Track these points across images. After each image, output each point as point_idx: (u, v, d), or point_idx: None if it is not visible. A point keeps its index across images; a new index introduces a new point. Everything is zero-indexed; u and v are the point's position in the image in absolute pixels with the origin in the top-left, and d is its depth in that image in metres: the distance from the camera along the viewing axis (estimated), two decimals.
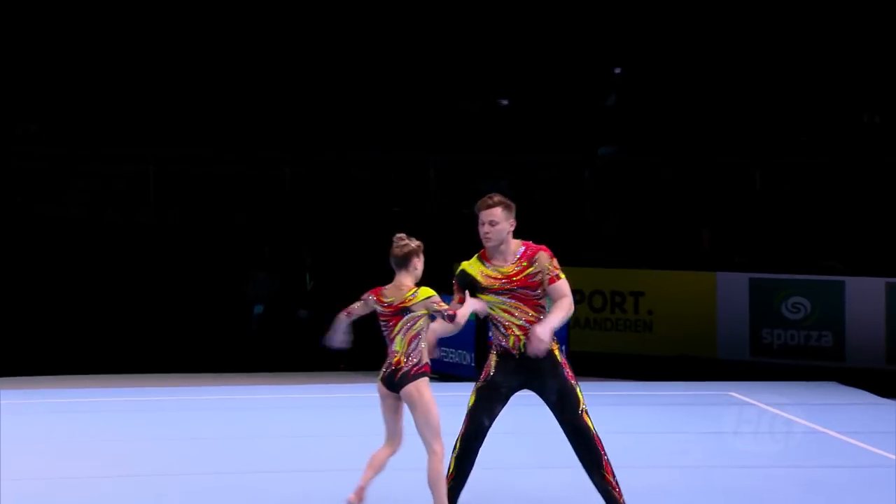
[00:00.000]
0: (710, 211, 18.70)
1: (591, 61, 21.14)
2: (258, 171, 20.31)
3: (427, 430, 7.58)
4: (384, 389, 7.70)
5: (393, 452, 7.74)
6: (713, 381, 14.41)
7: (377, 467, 7.68)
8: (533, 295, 7.79)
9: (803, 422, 11.70)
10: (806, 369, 15.61)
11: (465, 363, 15.18)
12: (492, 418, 7.80)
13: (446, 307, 7.67)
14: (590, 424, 7.82)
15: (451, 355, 15.45)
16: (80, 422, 11.80)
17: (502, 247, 7.86)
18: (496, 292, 7.81)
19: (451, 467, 7.82)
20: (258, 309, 18.48)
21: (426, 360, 7.65)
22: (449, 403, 13.08)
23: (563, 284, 7.75)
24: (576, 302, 8.24)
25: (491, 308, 7.83)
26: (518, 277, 7.79)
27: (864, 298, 15.93)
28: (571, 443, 7.88)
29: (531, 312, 7.78)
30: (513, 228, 7.87)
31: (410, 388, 7.57)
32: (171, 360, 16.82)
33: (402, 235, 7.71)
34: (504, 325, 7.78)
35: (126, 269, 19.03)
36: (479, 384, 7.81)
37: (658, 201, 19.16)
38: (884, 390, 13.80)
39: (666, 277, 17.19)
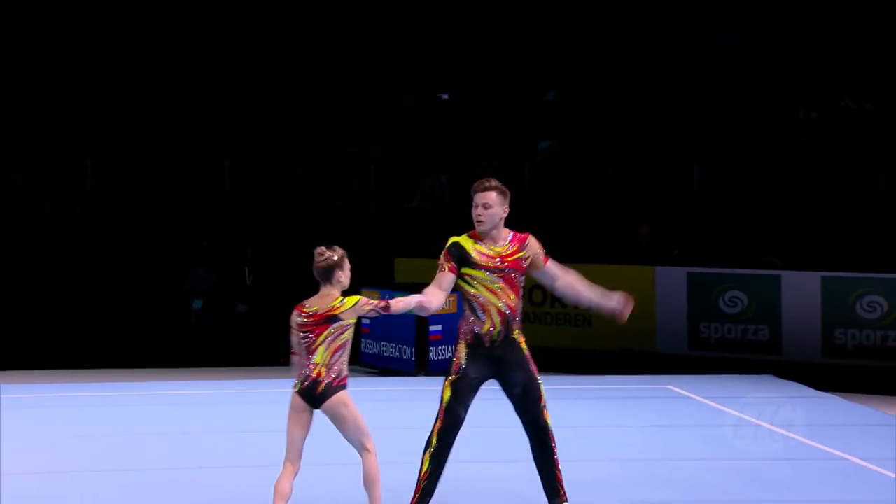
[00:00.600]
0: (648, 206, 18.80)
1: (532, 56, 21.19)
2: (197, 166, 20.21)
3: (359, 434, 7.52)
4: (301, 403, 7.50)
5: (296, 474, 7.59)
6: (652, 375, 14.51)
7: (286, 496, 7.52)
8: (518, 279, 7.86)
9: (740, 415, 11.81)
10: (743, 363, 15.74)
11: (405, 357, 15.19)
12: (467, 410, 7.82)
13: (376, 303, 7.58)
14: (549, 421, 7.88)
15: (390, 350, 15.46)
16: (11, 419, 11.69)
17: (494, 231, 7.89)
18: (489, 269, 7.82)
19: (426, 465, 7.80)
20: (197, 304, 18.40)
21: (346, 372, 7.54)
22: (390, 398, 13.12)
23: (555, 263, 7.88)
24: None
25: (474, 287, 7.81)
26: (511, 259, 7.86)
27: (800, 292, 16.08)
28: (529, 437, 7.92)
29: (513, 297, 7.83)
30: (505, 215, 7.90)
31: (334, 401, 7.44)
32: (109, 355, 16.69)
33: (323, 249, 7.54)
34: (483, 308, 7.77)
35: (64, 263, 18.88)
36: (452, 378, 7.79)
37: (597, 196, 19.24)
38: (819, 383, 13.95)
39: (605, 272, 17.22)
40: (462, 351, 7.86)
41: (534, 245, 7.93)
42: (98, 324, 18.10)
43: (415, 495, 7.84)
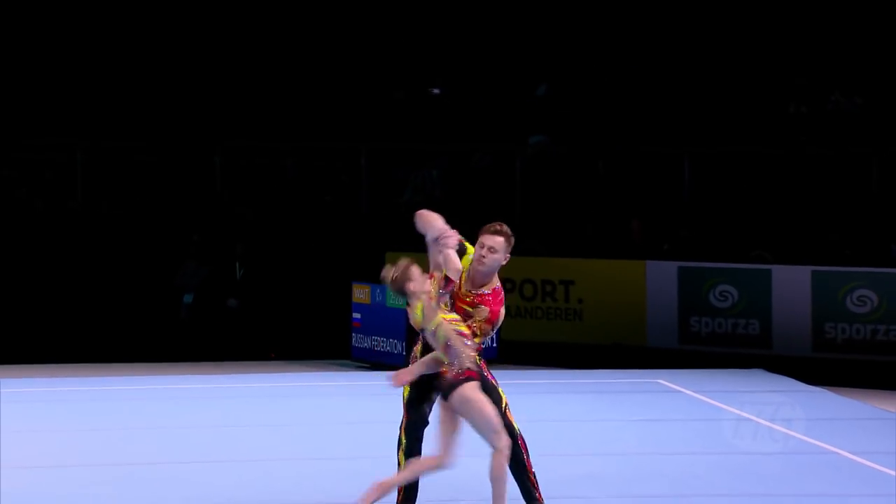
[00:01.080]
0: (639, 201, 18.82)
1: (523, 51, 21.19)
2: (188, 161, 20.18)
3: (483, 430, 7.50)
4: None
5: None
6: (642, 369, 14.53)
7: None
8: (467, 312, 7.75)
9: (731, 409, 11.83)
10: (733, 357, 15.77)
11: (395, 352, 15.20)
12: (431, 405, 7.80)
13: (443, 289, 7.54)
14: (513, 422, 7.85)
15: (381, 344, 15.47)
16: (2, 413, 11.68)
17: (487, 277, 7.78)
18: (459, 300, 7.74)
19: (402, 463, 7.80)
20: (188, 298, 18.38)
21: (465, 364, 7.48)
22: (381, 393, 13.11)
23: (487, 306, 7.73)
24: (507, 290, 8.25)
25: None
26: (470, 299, 7.75)
27: (791, 287, 16.11)
28: None
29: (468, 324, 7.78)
30: (505, 263, 7.78)
31: (456, 394, 7.44)
32: (100, 350, 16.69)
33: (385, 271, 7.69)
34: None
35: (54, 257, 18.85)
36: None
37: (588, 191, 19.25)
38: (810, 377, 13.98)
39: (596, 266, 17.28)
40: (418, 350, 7.84)
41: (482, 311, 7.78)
42: (89, 318, 18.08)
43: (399, 494, 7.84)
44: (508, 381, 8.05)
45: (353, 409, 12.17)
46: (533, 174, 19.47)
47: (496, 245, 7.73)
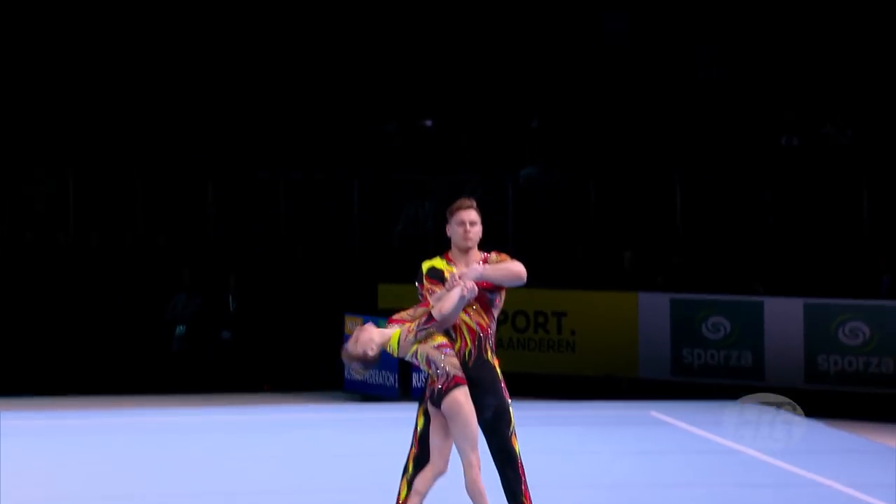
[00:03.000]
0: (631, 232, 18.85)
1: (516, 83, 21.23)
2: (180, 191, 20.17)
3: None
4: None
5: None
6: (635, 401, 14.52)
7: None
8: (489, 299, 7.84)
9: (723, 441, 11.82)
10: (726, 388, 15.76)
11: (388, 384, 15.19)
12: None
13: (416, 326, 7.64)
14: (517, 448, 7.86)
15: (374, 377, 15.45)
16: None
17: (472, 252, 7.91)
18: None
19: (404, 492, 7.79)
20: (180, 330, 18.36)
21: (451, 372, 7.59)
22: (373, 425, 13.12)
23: (514, 262, 7.86)
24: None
25: None
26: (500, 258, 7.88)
27: (783, 318, 16.12)
28: (496, 464, 7.90)
29: (485, 317, 7.82)
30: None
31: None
32: (91, 382, 16.66)
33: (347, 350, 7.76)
34: (455, 327, 7.77)
35: (46, 290, 18.83)
36: (425, 405, 7.79)
37: (580, 222, 19.28)
38: (802, 409, 13.96)
39: (588, 298, 17.30)
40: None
41: (494, 258, 7.94)
42: (80, 351, 18.04)
43: None
44: None
45: (344, 442, 12.15)
46: (525, 205, 19.50)
47: (475, 218, 7.91)
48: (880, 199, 18.09)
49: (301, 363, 17.60)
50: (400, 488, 7.86)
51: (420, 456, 7.78)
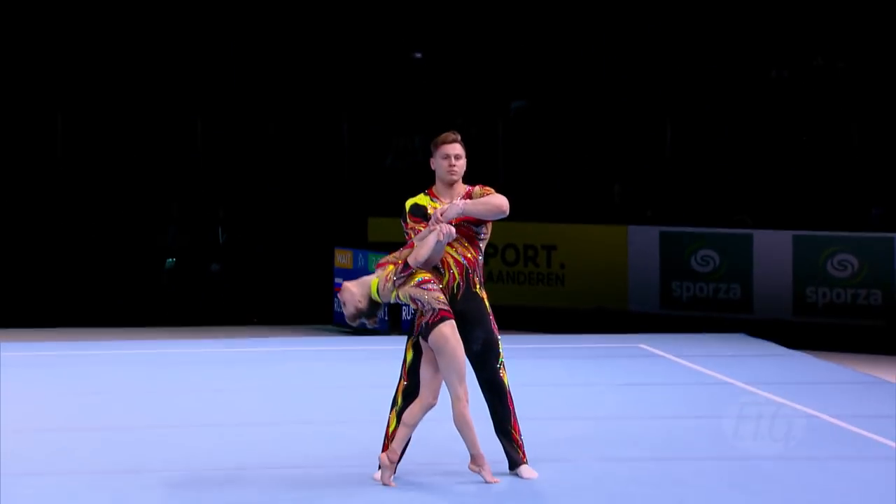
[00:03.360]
0: (621, 165, 18.82)
1: (505, 17, 21.10)
2: (170, 125, 20.10)
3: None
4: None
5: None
6: (624, 334, 14.56)
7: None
8: (475, 231, 7.85)
9: (712, 373, 11.87)
10: (715, 321, 15.82)
11: (377, 316, 15.17)
12: None
13: (393, 272, 7.67)
14: (505, 381, 7.90)
15: None
16: None
17: (456, 185, 7.91)
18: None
19: (393, 423, 7.83)
20: (170, 262, 18.35)
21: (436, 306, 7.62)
22: (363, 358, 13.15)
23: (496, 195, 7.86)
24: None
25: None
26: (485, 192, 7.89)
27: (772, 251, 16.15)
28: (486, 397, 7.94)
29: (471, 250, 7.83)
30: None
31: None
32: (80, 314, 16.67)
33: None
34: (442, 260, 7.78)
35: (33, 222, 18.80)
36: (414, 338, 7.81)
37: (570, 156, 19.24)
38: (790, 341, 14.03)
39: (578, 231, 17.31)
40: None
41: (478, 191, 7.93)
42: (69, 283, 18.05)
43: (383, 452, 7.87)
44: None
45: (334, 374, 12.19)
46: (515, 139, 19.45)
47: (459, 151, 7.92)
48: (870, 131, 18.07)
49: (290, 296, 17.62)
50: (389, 420, 7.90)
51: (409, 389, 7.82)
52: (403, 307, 14.79)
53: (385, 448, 7.80)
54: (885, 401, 10.56)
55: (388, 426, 7.89)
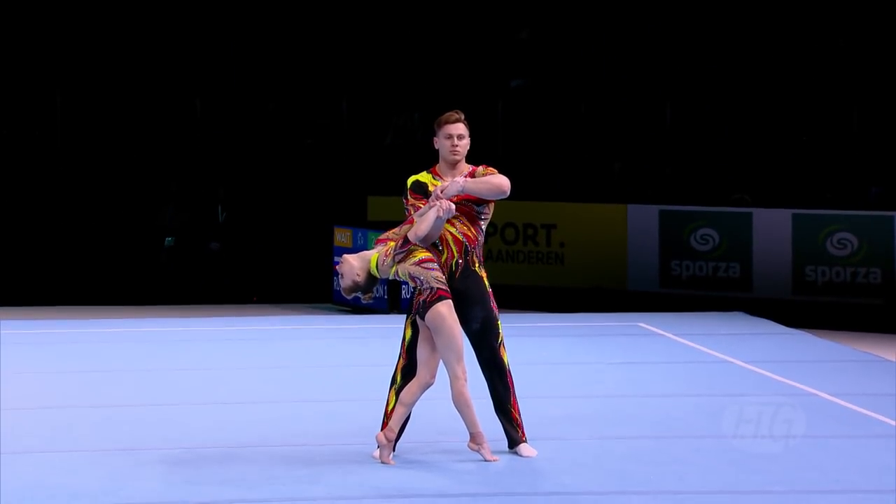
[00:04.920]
0: (620, 143, 18.80)
1: None
2: (169, 103, 20.07)
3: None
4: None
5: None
6: (623, 313, 14.57)
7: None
8: (477, 211, 7.85)
9: (711, 352, 11.89)
10: (714, 300, 15.83)
11: (377, 296, 15.17)
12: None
13: (393, 248, 7.68)
14: (505, 359, 7.91)
15: None
16: None
17: (459, 165, 7.91)
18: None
19: (392, 401, 7.85)
20: (169, 241, 18.36)
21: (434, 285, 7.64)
22: (362, 336, 13.16)
23: (498, 175, 7.85)
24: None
25: None
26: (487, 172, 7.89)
27: (771, 230, 16.15)
28: (485, 375, 7.96)
29: (471, 229, 7.83)
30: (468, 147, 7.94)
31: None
32: (79, 292, 16.68)
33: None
34: (441, 238, 7.78)
35: (32, 201, 18.79)
36: (412, 317, 7.82)
37: (570, 134, 19.22)
38: (790, 320, 14.04)
39: (577, 210, 17.31)
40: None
41: (480, 171, 7.93)
42: (69, 261, 18.05)
43: (382, 430, 7.89)
44: None
45: (333, 353, 12.20)
46: (515, 117, 19.42)
47: (462, 131, 7.93)
48: (870, 109, 18.05)
49: (290, 275, 17.62)
50: (388, 398, 7.92)
51: (408, 367, 7.83)
52: (403, 285, 14.79)
53: (384, 426, 7.82)
54: (884, 379, 10.57)
55: (387, 404, 7.91)
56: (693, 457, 8.02)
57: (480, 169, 7.95)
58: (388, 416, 7.85)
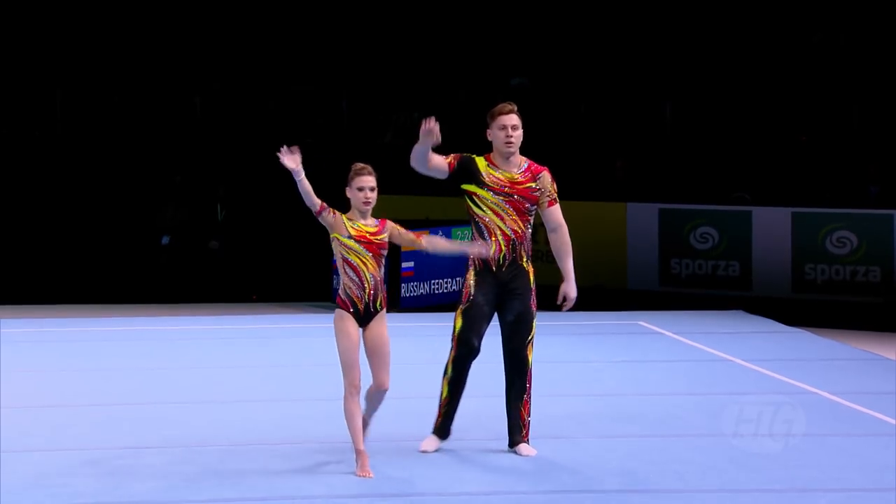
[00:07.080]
0: (621, 142, 18.80)
1: None
2: (169, 102, 20.08)
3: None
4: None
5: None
6: (623, 311, 14.57)
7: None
8: (527, 208, 7.88)
9: (711, 350, 11.89)
10: (714, 298, 15.82)
11: None
12: (480, 339, 7.87)
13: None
14: (530, 357, 7.92)
15: None
16: None
17: (514, 157, 7.90)
18: (496, 191, 7.83)
19: (445, 391, 7.88)
20: (165, 239, 18.35)
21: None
22: None
23: (559, 210, 7.89)
24: None
25: (481, 208, 7.82)
26: (521, 186, 7.90)
27: (771, 228, 16.15)
28: (507, 368, 7.97)
29: (520, 223, 7.85)
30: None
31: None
32: (79, 291, 16.67)
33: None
34: (489, 230, 7.80)
35: (32, 198, 18.79)
36: (463, 307, 7.82)
37: (570, 133, 19.22)
38: (789, 318, 14.04)
39: (577, 208, 17.27)
40: (471, 278, 7.89)
41: (546, 182, 7.95)
42: (68, 260, 18.05)
43: (437, 419, 7.97)
44: (492, 323, 8.08)
45: (333, 351, 12.16)
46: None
47: (516, 122, 7.92)
48: (869, 108, 18.05)
49: (289, 274, 17.61)
50: (441, 388, 7.98)
51: (457, 358, 7.88)
52: (403, 283, 14.81)
53: (439, 415, 7.84)
54: (883, 377, 10.58)
55: (441, 394, 7.95)
56: (693, 455, 8.02)
57: (548, 177, 7.93)
58: (441, 405, 7.88)
